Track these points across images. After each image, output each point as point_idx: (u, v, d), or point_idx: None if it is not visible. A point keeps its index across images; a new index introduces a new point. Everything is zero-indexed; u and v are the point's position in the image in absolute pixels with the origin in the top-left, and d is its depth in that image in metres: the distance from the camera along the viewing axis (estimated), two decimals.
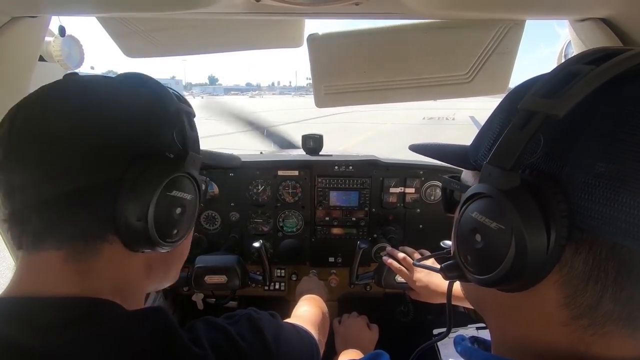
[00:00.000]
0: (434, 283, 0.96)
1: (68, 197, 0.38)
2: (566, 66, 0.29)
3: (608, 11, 0.71)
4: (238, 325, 0.49)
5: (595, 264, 0.27)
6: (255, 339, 0.48)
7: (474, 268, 0.33)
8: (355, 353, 0.92)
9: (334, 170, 1.33)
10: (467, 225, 0.32)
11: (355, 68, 0.89)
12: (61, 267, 0.39)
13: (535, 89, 0.29)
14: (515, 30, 0.82)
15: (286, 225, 1.38)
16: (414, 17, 0.82)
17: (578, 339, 0.29)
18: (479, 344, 0.41)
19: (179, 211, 0.44)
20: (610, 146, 0.26)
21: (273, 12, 0.77)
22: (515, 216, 0.27)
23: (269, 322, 0.53)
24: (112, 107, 0.42)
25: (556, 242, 0.27)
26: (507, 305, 0.34)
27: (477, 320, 1.20)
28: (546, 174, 0.28)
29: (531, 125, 0.27)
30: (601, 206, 0.25)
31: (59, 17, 0.86)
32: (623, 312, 0.27)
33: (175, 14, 0.80)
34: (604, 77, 0.26)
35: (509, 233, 0.28)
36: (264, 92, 78.28)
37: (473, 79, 0.89)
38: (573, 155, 0.27)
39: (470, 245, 0.32)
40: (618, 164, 0.25)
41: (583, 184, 0.26)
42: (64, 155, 0.38)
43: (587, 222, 0.26)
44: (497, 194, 0.29)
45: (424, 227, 1.37)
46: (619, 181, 0.25)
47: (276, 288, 1.40)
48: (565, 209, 0.27)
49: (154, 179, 0.41)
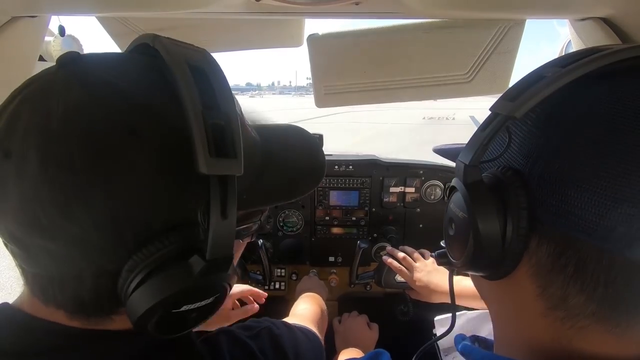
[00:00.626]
0: (433, 283, 0.96)
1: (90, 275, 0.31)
2: (539, 69, 0.31)
3: (608, 10, 0.71)
4: (259, 341, 0.48)
5: (556, 255, 0.28)
6: (276, 356, 0.48)
7: (452, 254, 0.37)
8: (356, 352, 0.92)
9: (334, 170, 1.33)
10: (447, 215, 0.36)
11: (355, 68, 0.89)
12: (68, 322, 0.33)
13: (506, 92, 0.31)
14: (516, 29, 0.83)
15: (286, 225, 1.38)
16: (414, 16, 0.82)
17: (559, 332, 0.29)
18: (480, 343, 0.41)
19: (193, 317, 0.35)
20: (564, 144, 0.28)
21: (273, 11, 0.77)
22: (471, 205, 0.30)
23: (288, 337, 0.52)
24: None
25: (514, 232, 0.29)
26: (497, 295, 0.36)
27: None
28: (512, 169, 0.31)
29: (492, 125, 0.30)
30: (555, 200, 0.27)
31: (58, 17, 0.86)
32: (590, 305, 0.27)
33: (175, 14, 0.80)
34: (565, 80, 0.27)
35: (469, 221, 0.31)
36: (264, 92, 78.27)
37: (473, 78, 0.89)
38: (536, 152, 0.29)
39: (448, 233, 0.37)
40: (569, 161, 0.27)
41: (540, 178, 0.28)
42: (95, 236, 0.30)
43: (545, 216, 0.28)
44: (460, 187, 0.32)
45: (424, 226, 1.37)
46: (569, 176, 0.27)
47: (276, 288, 1.40)
48: (524, 201, 0.29)
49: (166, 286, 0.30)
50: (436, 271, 0.98)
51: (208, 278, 0.31)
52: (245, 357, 0.44)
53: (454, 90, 0.91)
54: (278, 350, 0.49)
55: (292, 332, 0.55)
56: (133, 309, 0.30)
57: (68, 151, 0.28)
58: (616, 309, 0.27)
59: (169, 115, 0.31)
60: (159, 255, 0.30)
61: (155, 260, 0.30)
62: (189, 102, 0.28)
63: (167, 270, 0.30)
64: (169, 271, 0.30)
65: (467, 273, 0.38)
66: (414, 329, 1.32)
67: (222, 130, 0.29)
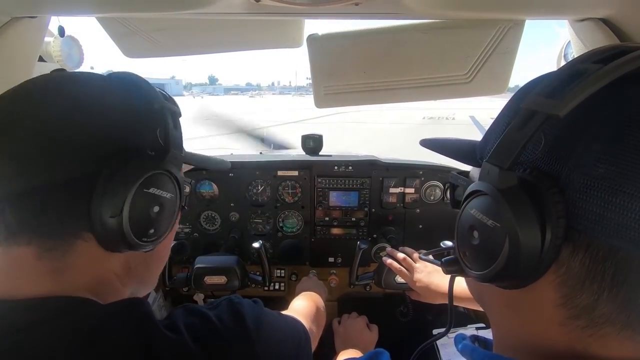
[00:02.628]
0: (434, 283, 0.96)
1: (42, 191, 0.37)
2: (574, 64, 0.29)
3: (607, 11, 0.71)
4: (218, 310, 0.48)
5: (592, 265, 0.26)
6: (235, 322, 0.47)
7: (471, 264, 0.34)
8: (355, 353, 0.92)
9: (334, 171, 1.33)
10: (466, 222, 0.33)
11: (355, 68, 0.89)
12: (34, 263, 0.38)
13: (540, 88, 0.28)
14: (515, 30, 0.82)
15: (286, 226, 1.38)
16: (414, 17, 0.82)
17: (576, 339, 0.29)
18: (480, 343, 0.41)
19: (157, 210, 0.43)
20: (612, 148, 0.25)
21: (273, 12, 0.77)
22: (510, 215, 0.28)
23: (250, 307, 0.52)
24: (94, 102, 0.41)
25: (552, 242, 0.27)
26: (507, 302, 0.34)
27: (476, 320, 1.20)
28: (546, 174, 0.28)
29: (531, 124, 0.27)
30: (598, 208, 0.25)
31: (58, 17, 0.86)
32: (621, 314, 0.27)
33: (175, 14, 0.80)
34: (610, 77, 0.25)
35: (504, 231, 0.28)
36: (264, 92, 78.35)
37: (473, 79, 0.89)
38: (574, 156, 0.27)
39: (468, 241, 0.33)
40: (617, 167, 0.25)
41: (581, 185, 0.26)
42: (38, 147, 0.37)
43: (584, 224, 0.26)
44: (493, 192, 0.29)
45: (423, 227, 1.36)
46: (617, 184, 0.25)
47: (276, 288, 1.40)
48: (563, 209, 0.27)
49: (131, 175, 0.40)
50: (436, 272, 0.98)
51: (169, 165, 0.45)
52: (201, 325, 0.44)
53: (453, 90, 0.91)
54: (237, 316, 0.48)
55: (259, 307, 0.54)
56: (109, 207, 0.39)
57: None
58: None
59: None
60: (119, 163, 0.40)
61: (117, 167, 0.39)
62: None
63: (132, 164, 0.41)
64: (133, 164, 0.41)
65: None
66: (414, 329, 1.32)
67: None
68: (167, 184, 0.45)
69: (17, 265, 0.39)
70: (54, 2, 0.72)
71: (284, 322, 0.59)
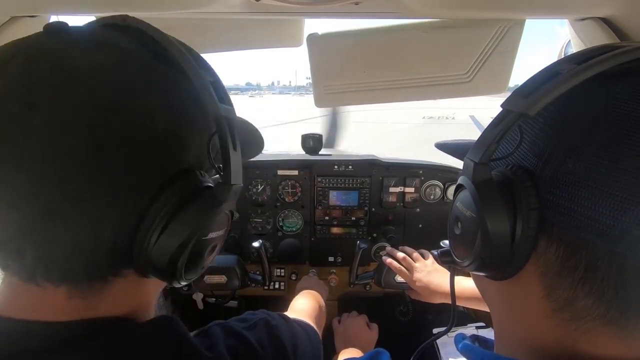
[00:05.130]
0: (433, 283, 0.96)
1: (72, 218, 0.28)
2: (554, 65, 0.30)
3: (608, 10, 0.71)
4: (256, 332, 0.47)
5: (565, 257, 0.28)
6: (275, 350, 0.47)
7: (457, 254, 0.36)
8: (355, 352, 0.92)
9: (334, 170, 1.33)
10: (453, 214, 0.35)
11: (355, 68, 0.89)
12: (63, 303, 0.31)
13: (520, 88, 0.30)
14: (515, 29, 0.82)
15: (286, 225, 1.38)
16: (414, 16, 0.82)
17: (563, 334, 0.29)
18: (480, 343, 0.41)
19: (211, 249, 0.37)
20: (579, 144, 0.27)
21: (272, 11, 0.77)
22: (480, 205, 0.30)
23: (286, 329, 0.52)
24: (159, 94, 0.33)
25: (523, 233, 0.29)
26: (501, 294, 0.35)
27: (477, 320, 1.20)
28: (524, 169, 0.30)
29: (504, 123, 0.29)
30: (566, 201, 0.27)
31: (58, 17, 0.86)
32: (600, 308, 0.27)
33: (174, 14, 0.80)
34: (581, 77, 0.26)
35: (477, 221, 0.30)
36: (264, 91, 78.32)
37: (473, 78, 0.89)
38: (548, 152, 0.29)
39: (454, 232, 0.36)
40: (582, 161, 0.26)
41: (552, 179, 0.28)
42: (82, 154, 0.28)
43: (557, 217, 0.27)
44: (468, 184, 0.31)
45: (423, 226, 1.37)
46: (582, 177, 0.26)
47: (276, 288, 1.40)
48: (535, 202, 0.28)
49: (196, 217, 0.32)
50: (436, 271, 0.98)
51: (230, 203, 0.35)
52: (242, 349, 0.43)
53: (453, 90, 0.91)
54: (276, 341, 0.48)
55: (290, 325, 0.55)
56: (161, 251, 0.31)
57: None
58: (625, 312, 0.27)
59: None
60: (178, 196, 0.32)
61: (176, 201, 0.31)
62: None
63: (194, 203, 0.32)
64: (195, 203, 0.32)
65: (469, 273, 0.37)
66: (414, 329, 1.32)
67: (217, 85, 0.35)
68: (225, 222, 0.38)
69: (40, 301, 0.31)
70: (53, 1, 0.72)
71: (310, 339, 0.59)
